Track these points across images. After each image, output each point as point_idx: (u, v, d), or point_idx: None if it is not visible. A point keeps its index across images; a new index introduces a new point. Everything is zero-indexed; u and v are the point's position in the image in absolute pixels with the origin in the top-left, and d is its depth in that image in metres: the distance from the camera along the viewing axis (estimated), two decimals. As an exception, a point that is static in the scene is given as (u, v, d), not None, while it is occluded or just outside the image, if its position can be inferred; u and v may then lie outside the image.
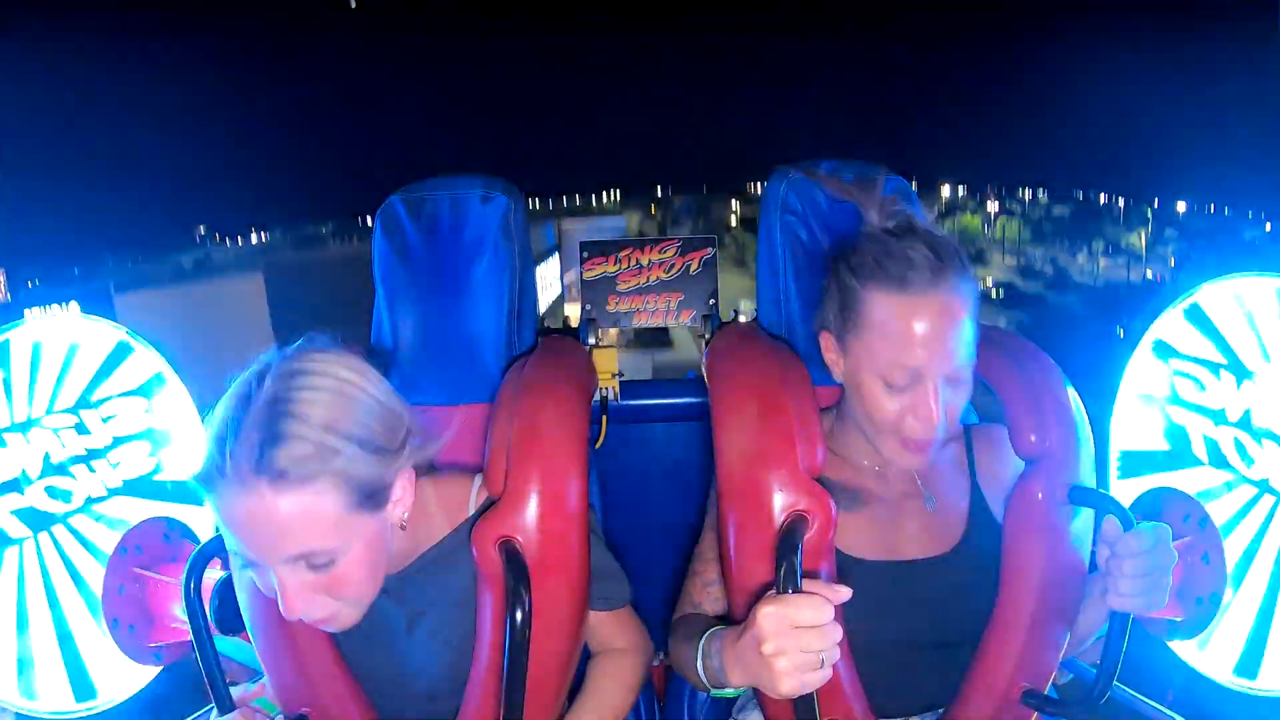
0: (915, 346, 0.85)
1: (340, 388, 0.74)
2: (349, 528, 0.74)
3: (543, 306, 24.73)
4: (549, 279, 25.03)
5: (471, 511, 0.93)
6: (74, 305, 19.48)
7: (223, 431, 0.71)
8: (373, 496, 0.76)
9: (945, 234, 0.90)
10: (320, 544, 0.73)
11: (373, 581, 0.80)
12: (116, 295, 19.89)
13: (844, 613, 0.86)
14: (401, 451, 0.79)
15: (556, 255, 25.75)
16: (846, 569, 0.92)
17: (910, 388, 0.87)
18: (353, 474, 0.73)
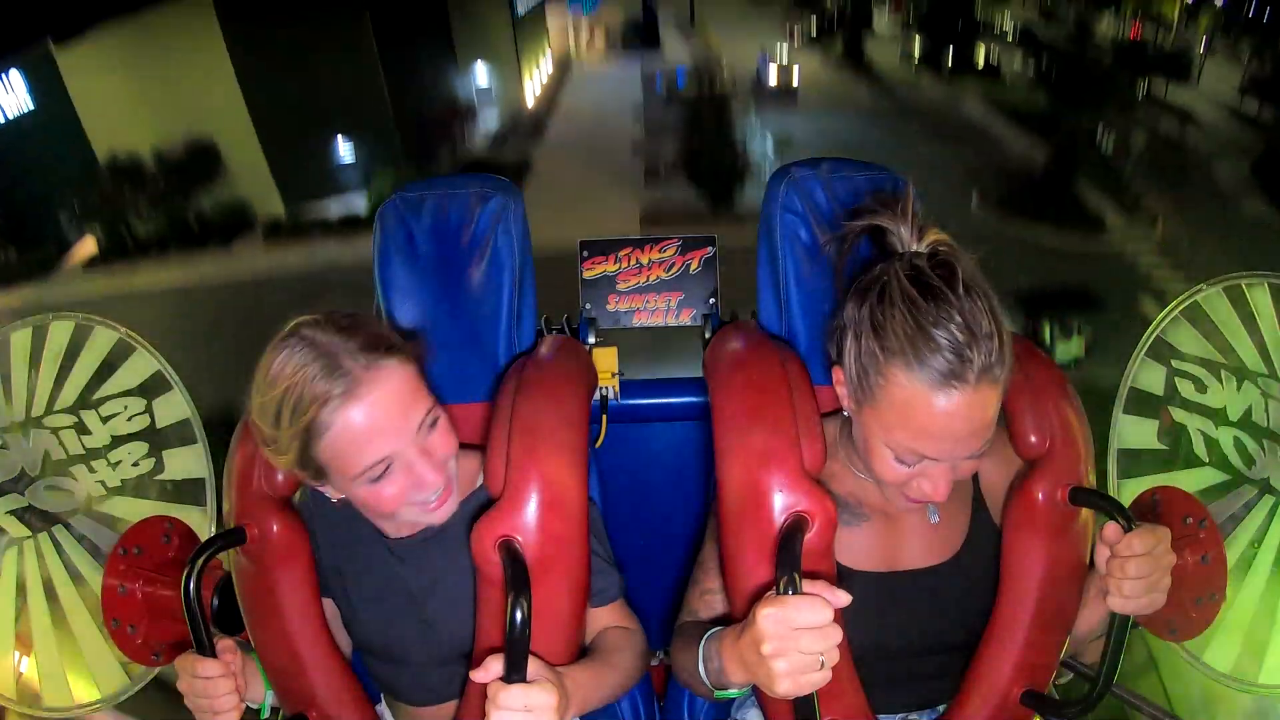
0: (932, 440, 0.80)
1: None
2: (424, 391, 0.88)
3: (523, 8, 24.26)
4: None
5: (478, 484, 0.99)
6: (15, 76, 17.43)
7: (310, 373, 0.80)
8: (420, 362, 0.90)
9: (979, 291, 0.79)
10: (427, 400, 0.87)
11: (454, 440, 0.91)
12: (58, 48, 17.76)
13: (844, 620, 0.86)
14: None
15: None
16: (847, 580, 0.91)
17: (920, 462, 0.84)
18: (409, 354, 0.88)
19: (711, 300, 1.40)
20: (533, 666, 0.76)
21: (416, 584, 0.98)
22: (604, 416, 1.35)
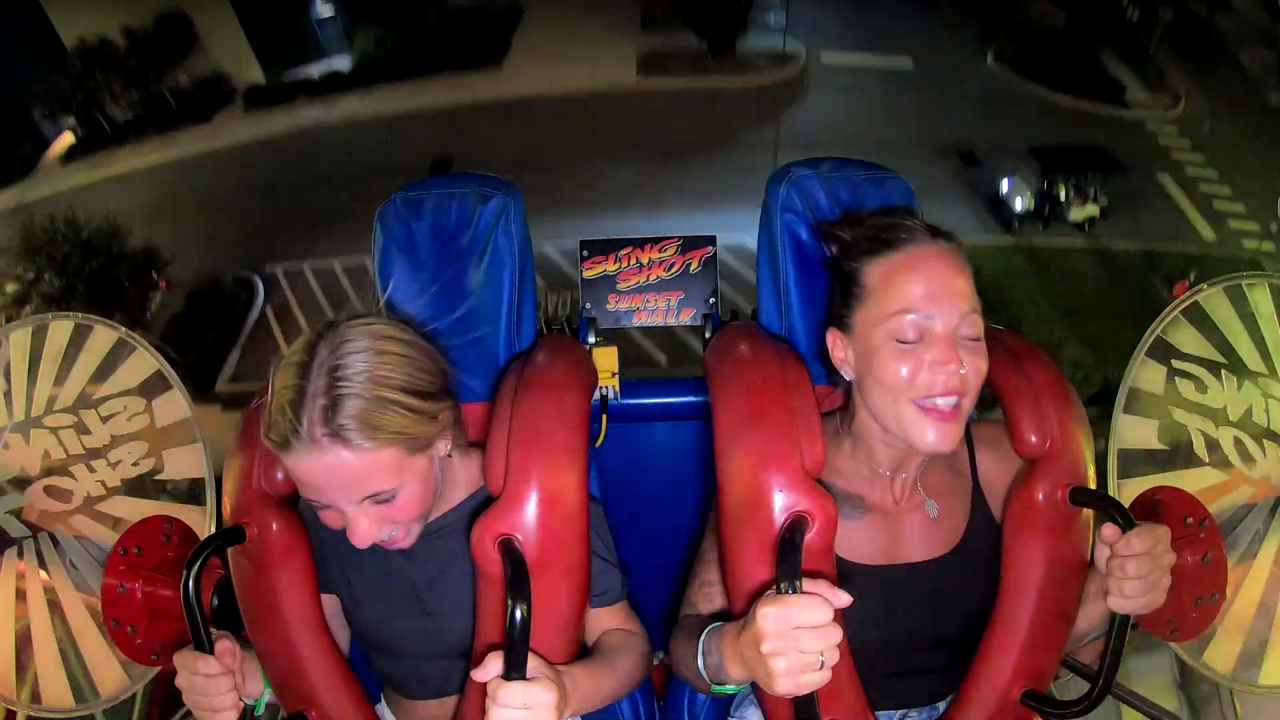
0: (919, 295, 0.86)
1: (384, 346, 0.84)
2: (406, 467, 0.85)
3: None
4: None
5: (479, 485, 0.99)
6: None
7: (289, 400, 0.80)
8: (423, 438, 0.87)
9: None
10: (384, 484, 0.83)
11: (427, 505, 0.90)
12: None
13: (843, 614, 0.86)
14: (445, 394, 0.89)
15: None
16: (846, 574, 0.92)
17: (925, 343, 0.86)
18: (406, 422, 0.83)
19: (711, 300, 1.40)
20: (532, 664, 0.76)
21: (419, 578, 0.98)
22: (604, 416, 1.35)
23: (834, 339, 0.94)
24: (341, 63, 16.67)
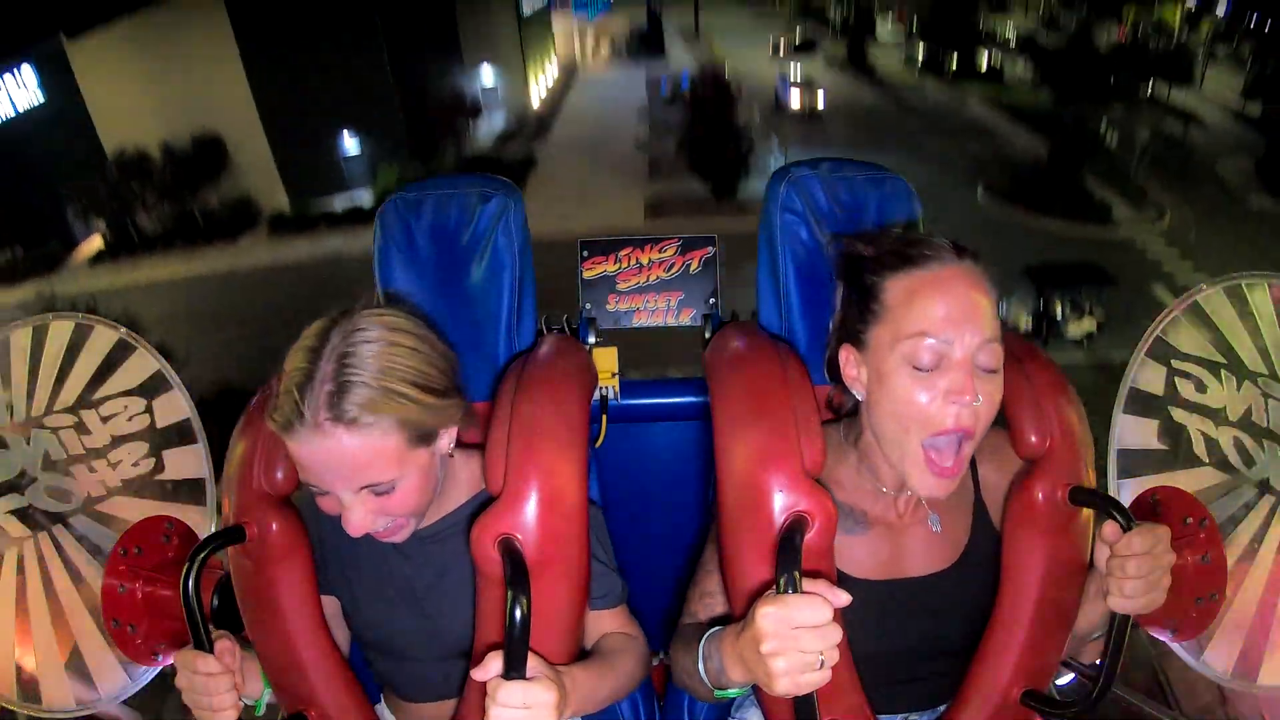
0: (939, 318, 0.83)
1: (396, 338, 0.84)
2: (407, 460, 0.85)
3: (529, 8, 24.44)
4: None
5: (480, 488, 0.99)
6: (26, 70, 17.84)
7: (297, 383, 0.80)
8: (427, 433, 0.87)
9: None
10: (383, 475, 0.84)
11: (425, 501, 0.90)
12: (69, 43, 18.17)
13: (846, 628, 0.85)
14: (453, 392, 0.89)
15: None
16: (849, 589, 0.90)
17: (940, 370, 0.83)
18: (411, 415, 0.83)
19: (711, 300, 1.40)
20: (532, 664, 0.76)
21: (418, 580, 0.98)
22: (604, 416, 1.35)
23: (847, 355, 0.92)
24: (364, 196, 17.94)
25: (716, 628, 0.87)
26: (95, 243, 17.61)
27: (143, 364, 1.20)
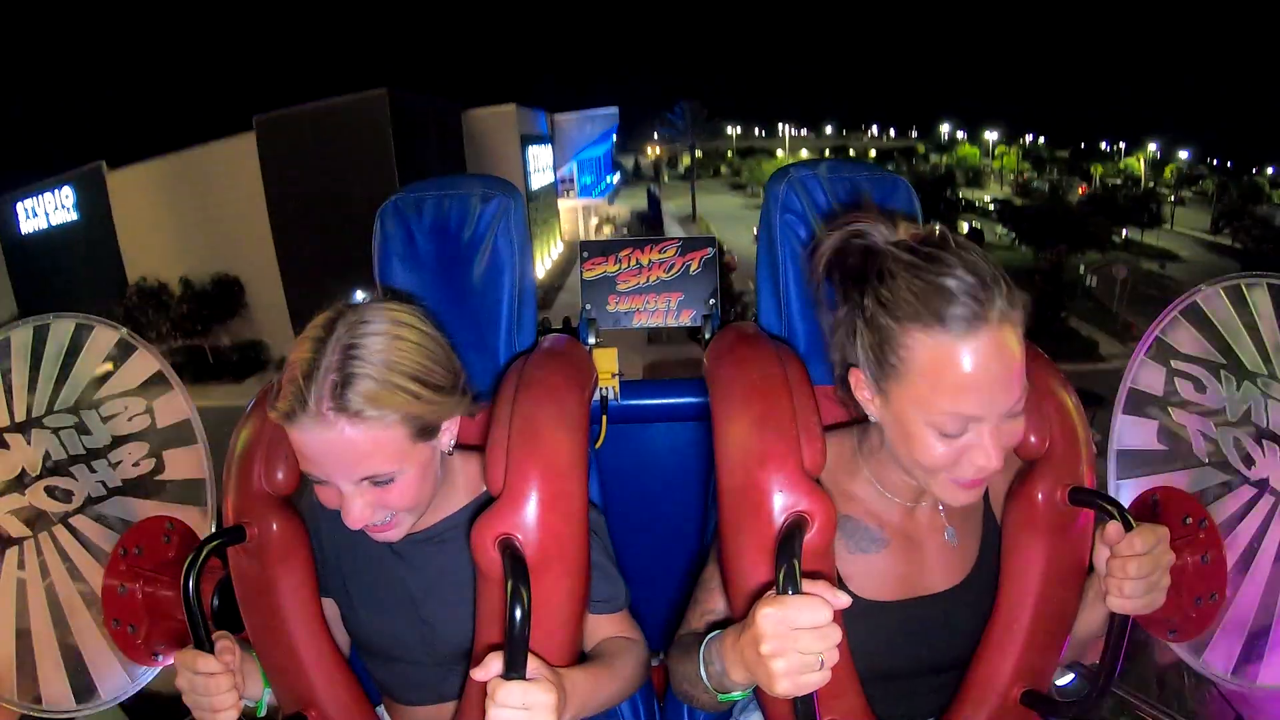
0: (970, 392, 0.76)
1: (401, 333, 0.84)
2: (408, 454, 0.85)
3: (536, 185, 25.37)
4: (542, 164, 27.15)
5: (481, 490, 0.99)
6: (66, 189, 19.00)
7: (302, 372, 0.80)
8: (429, 428, 0.87)
9: (973, 248, 0.80)
10: (383, 467, 0.84)
11: (423, 496, 0.90)
12: (110, 171, 19.45)
13: (857, 645, 0.85)
14: (455, 391, 0.89)
15: (549, 146, 28.26)
16: (866, 613, 0.89)
17: (965, 430, 0.80)
18: (413, 410, 0.84)
19: (711, 301, 1.40)
20: (532, 665, 0.76)
21: (416, 584, 0.98)
22: (604, 417, 1.35)
23: (858, 379, 0.86)
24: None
25: (716, 632, 0.87)
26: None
27: (143, 364, 1.20)
